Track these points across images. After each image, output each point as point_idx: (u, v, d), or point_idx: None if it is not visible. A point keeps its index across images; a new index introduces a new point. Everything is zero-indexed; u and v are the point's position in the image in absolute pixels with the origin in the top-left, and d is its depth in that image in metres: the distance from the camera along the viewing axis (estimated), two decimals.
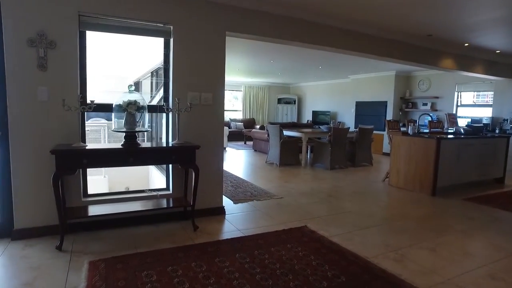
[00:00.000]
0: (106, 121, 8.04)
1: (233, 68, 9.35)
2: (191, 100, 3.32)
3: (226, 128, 9.50)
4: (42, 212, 2.81)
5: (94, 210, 2.94)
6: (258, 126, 12.55)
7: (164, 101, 3.35)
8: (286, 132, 7.25)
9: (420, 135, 4.95)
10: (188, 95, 3.32)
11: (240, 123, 12.67)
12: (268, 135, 7.21)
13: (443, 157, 4.65)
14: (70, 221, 2.87)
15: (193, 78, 3.34)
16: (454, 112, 7.97)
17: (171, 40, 3.23)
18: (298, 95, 13.73)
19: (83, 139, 2.99)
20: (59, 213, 2.56)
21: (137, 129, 2.92)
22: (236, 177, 5.63)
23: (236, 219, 3.51)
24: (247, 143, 11.11)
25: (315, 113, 12.53)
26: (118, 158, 2.76)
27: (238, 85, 13.34)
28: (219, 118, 3.54)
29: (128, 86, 2.89)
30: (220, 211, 3.62)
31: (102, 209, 2.97)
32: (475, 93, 7.93)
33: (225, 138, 9.48)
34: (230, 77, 11.82)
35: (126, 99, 2.85)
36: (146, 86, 6.46)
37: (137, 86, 6.98)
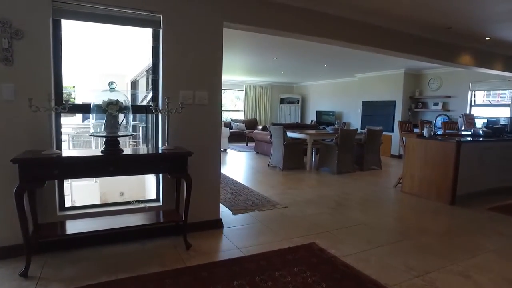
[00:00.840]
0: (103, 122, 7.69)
1: (234, 66, 8.95)
2: (184, 99, 2.92)
3: (226, 129, 9.11)
4: (6, 229, 2.42)
5: (71, 227, 2.55)
6: (260, 127, 12.16)
7: (152, 101, 2.95)
8: (290, 134, 6.84)
9: (437, 137, 4.52)
10: (180, 94, 2.92)
11: (241, 124, 12.27)
12: (271, 137, 6.80)
13: (464, 162, 4.22)
14: (42, 240, 2.48)
15: (185, 75, 2.94)
16: (468, 112, 7.53)
17: (161, 31, 2.83)
18: (301, 95, 13.32)
19: (59, 145, 2.60)
20: (23, 233, 2.16)
21: (119, 133, 2.53)
22: (236, 182, 5.23)
23: (235, 234, 3.10)
24: (249, 144, 10.71)
25: (319, 113, 12.11)
26: (95, 168, 2.36)
27: (240, 85, 12.94)
28: (216, 120, 3.14)
29: (109, 84, 2.49)
30: (217, 225, 3.21)
31: (81, 225, 2.57)
32: (485, 92, 7.49)
33: (226, 140, 9.09)
34: (231, 76, 11.43)
35: (106, 99, 2.45)
36: (142, 85, 6.08)
37: (134, 85, 6.60)
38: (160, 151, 2.60)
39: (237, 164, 7.08)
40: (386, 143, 8.55)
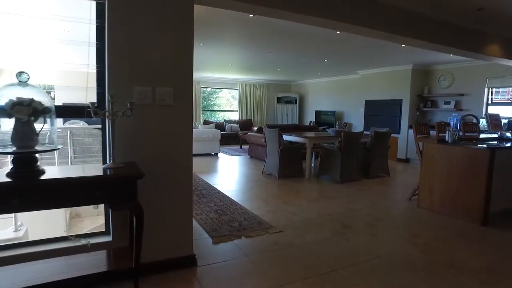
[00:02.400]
0: (87, 125, 6.81)
1: (226, 63, 8.18)
2: (139, 97, 2.15)
3: (217, 131, 8.33)
4: None
5: None
6: (255, 128, 11.38)
7: (97, 100, 2.18)
8: (287, 137, 6.07)
9: (464, 143, 3.76)
10: (134, 91, 2.15)
11: (235, 125, 11.49)
12: (265, 140, 6.03)
13: (498, 173, 3.47)
14: None
15: (142, 65, 2.16)
16: (485, 111, 6.78)
17: (106, 3, 2.06)
18: (299, 94, 12.55)
19: None
20: None
21: (38, 147, 1.75)
22: (223, 196, 4.45)
23: (212, 276, 2.33)
24: (243, 147, 9.94)
25: (318, 113, 11.35)
26: None
27: (234, 83, 12.17)
28: (185, 125, 2.36)
29: (17, 75, 1.71)
30: (189, 262, 2.44)
31: None
32: (494, 89, 6.75)
33: (217, 143, 8.32)
34: (224, 74, 10.65)
35: (14, 97, 1.68)
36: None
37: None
38: (98, 173, 1.82)
39: (227, 171, 6.30)
40: (392, 146, 7.80)
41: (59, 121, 3.68)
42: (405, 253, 2.78)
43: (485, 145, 3.55)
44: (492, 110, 6.77)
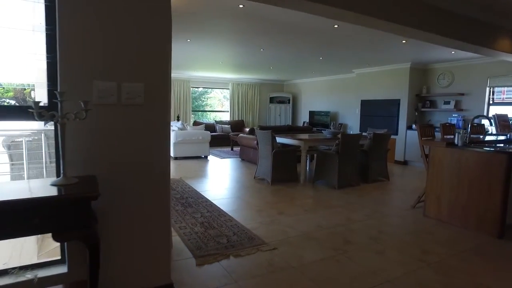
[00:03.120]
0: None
1: (216, 61, 7.77)
2: (100, 96, 1.74)
3: (207, 133, 7.91)
4: None
5: None
6: (247, 129, 10.99)
7: (48, 98, 1.76)
8: (280, 139, 5.70)
9: (475, 146, 3.42)
10: (94, 87, 1.73)
11: (227, 126, 11.07)
12: (257, 143, 5.65)
13: None
14: None
15: (104, 55, 1.75)
16: (485, 111, 6.50)
17: None
18: (293, 94, 12.20)
19: None
20: None
21: None
22: (212, 205, 4.05)
23: None
24: (234, 149, 9.53)
25: (312, 114, 11.01)
26: None
27: (225, 83, 11.76)
28: (161, 129, 1.95)
29: None
30: None
31: None
32: (506, 88, 6.47)
33: (207, 145, 7.90)
34: (215, 73, 10.24)
35: None
36: None
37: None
38: (41, 193, 1.41)
39: (216, 176, 5.89)
40: (390, 148, 7.50)
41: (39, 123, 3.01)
42: (418, 276, 2.42)
43: (500, 149, 3.22)
44: (494, 110, 6.49)
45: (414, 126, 7.41)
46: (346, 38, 5.16)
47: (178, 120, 10.38)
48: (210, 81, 11.51)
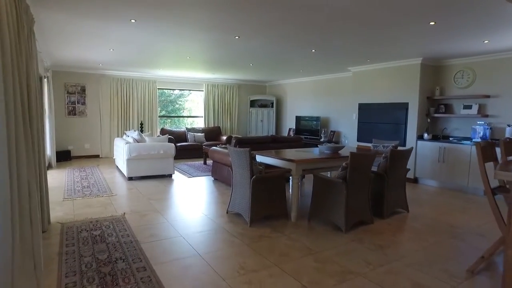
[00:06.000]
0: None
1: (181, 55, 6.13)
2: None
3: (170, 145, 6.27)
4: None
5: None
6: (224, 137, 9.40)
7: None
8: (263, 159, 4.14)
9: None
10: None
11: (200, 134, 9.43)
12: (231, 165, 4.06)
13: None
14: None
15: None
16: None
17: None
18: (276, 96, 10.70)
19: None
20: None
21: None
22: (150, 276, 2.42)
23: None
24: (207, 163, 7.91)
25: (298, 120, 9.51)
26: None
27: (198, 84, 10.13)
28: None
29: None
30: None
31: None
32: None
33: (171, 160, 6.26)
34: (185, 73, 8.57)
35: None
36: None
37: None
38: None
39: (175, 209, 4.25)
40: None
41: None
42: None
43: None
44: None
45: (426, 135, 6.03)
46: (349, 19, 3.66)
47: (141, 128, 8.66)
48: (180, 81, 9.86)
